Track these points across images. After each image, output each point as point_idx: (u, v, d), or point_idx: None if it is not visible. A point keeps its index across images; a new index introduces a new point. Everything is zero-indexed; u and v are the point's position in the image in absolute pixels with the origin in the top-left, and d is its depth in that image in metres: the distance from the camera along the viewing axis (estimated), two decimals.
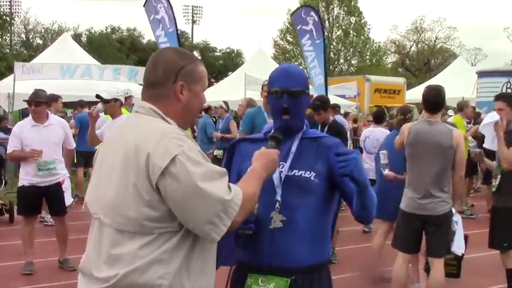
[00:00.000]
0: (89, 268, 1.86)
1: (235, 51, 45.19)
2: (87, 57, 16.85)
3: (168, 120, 1.90)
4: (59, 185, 5.84)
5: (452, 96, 11.48)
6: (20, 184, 5.82)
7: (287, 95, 2.27)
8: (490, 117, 4.97)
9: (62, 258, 5.94)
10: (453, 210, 4.39)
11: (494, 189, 4.83)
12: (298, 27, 13.12)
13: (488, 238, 4.87)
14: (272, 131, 2.33)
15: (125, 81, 12.41)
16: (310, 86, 13.39)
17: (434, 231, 4.35)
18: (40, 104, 5.70)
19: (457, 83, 20.08)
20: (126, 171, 1.79)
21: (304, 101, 2.31)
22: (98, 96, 5.81)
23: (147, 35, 40.07)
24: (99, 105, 6.23)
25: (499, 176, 4.75)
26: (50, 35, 40.29)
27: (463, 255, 4.50)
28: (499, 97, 5.11)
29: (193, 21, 47.05)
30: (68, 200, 5.97)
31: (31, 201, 5.78)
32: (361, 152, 8.32)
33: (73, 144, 6.19)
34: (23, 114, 17.28)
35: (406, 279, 4.58)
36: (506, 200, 4.72)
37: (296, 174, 2.26)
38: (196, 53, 33.36)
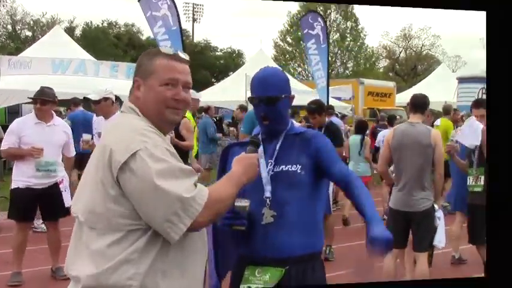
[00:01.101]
0: (67, 266, 1.88)
1: (236, 52, 44.68)
2: (81, 51, 15.77)
3: (142, 117, 1.92)
4: (56, 187, 5.43)
5: (436, 100, 11.95)
6: (13, 186, 5.38)
7: (263, 103, 2.41)
8: (469, 126, 5.16)
9: (54, 266, 5.53)
10: (435, 206, 4.66)
11: (480, 188, 5.02)
12: (305, 31, 13.62)
13: (468, 234, 5.26)
14: (254, 135, 2.46)
15: (123, 78, 11.86)
16: (313, 89, 14.42)
17: (418, 227, 4.63)
18: (46, 102, 5.38)
19: (440, 87, 21.06)
20: (96, 170, 1.83)
21: (281, 105, 2.43)
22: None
23: (146, 31, 38.68)
24: (85, 137, 5.88)
25: (482, 177, 5.01)
26: (40, 27, 38.54)
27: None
28: (480, 104, 5.21)
29: (194, 19, 46.54)
30: (68, 201, 5.44)
31: (25, 205, 5.34)
32: (377, 151, 8.76)
33: (73, 153, 5.80)
34: (8, 111, 16.59)
35: (395, 273, 4.78)
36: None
37: (283, 169, 2.40)
38: (186, 52, 32.72)
